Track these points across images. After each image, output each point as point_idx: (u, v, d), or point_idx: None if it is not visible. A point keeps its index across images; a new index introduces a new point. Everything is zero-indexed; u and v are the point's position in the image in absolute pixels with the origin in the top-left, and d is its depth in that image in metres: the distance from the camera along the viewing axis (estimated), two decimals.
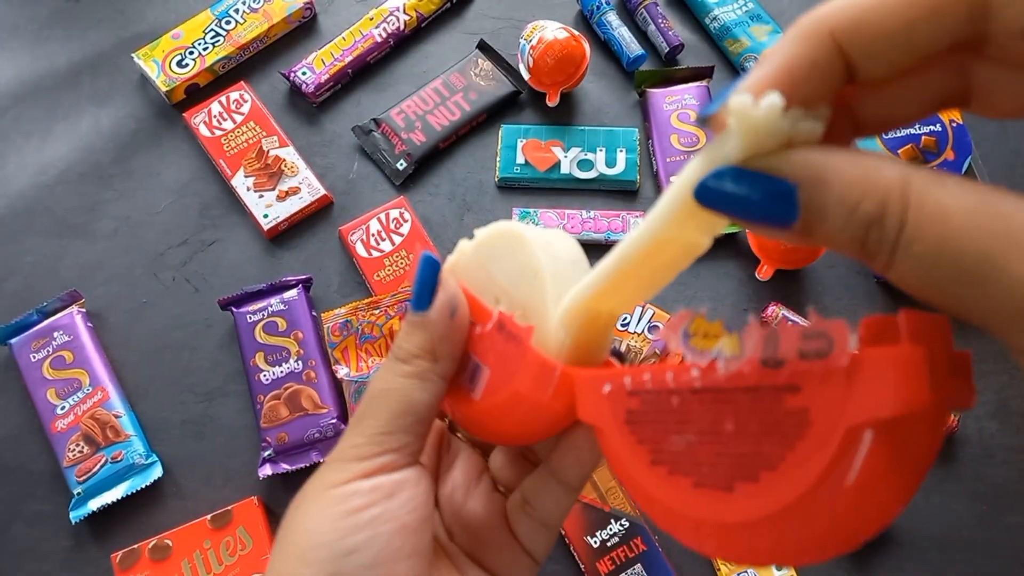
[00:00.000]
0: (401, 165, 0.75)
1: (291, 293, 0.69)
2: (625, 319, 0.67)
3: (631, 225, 0.72)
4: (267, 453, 0.64)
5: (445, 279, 0.28)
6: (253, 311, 0.68)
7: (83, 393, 0.66)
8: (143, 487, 0.63)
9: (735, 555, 0.22)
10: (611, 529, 0.61)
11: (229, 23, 0.81)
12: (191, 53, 0.79)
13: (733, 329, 0.21)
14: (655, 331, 0.66)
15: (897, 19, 0.19)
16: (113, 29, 0.84)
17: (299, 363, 0.66)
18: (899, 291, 0.42)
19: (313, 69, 0.78)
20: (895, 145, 0.69)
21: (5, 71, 0.82)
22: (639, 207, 0.74)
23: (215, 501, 0.64)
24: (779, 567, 0.60)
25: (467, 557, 0.31)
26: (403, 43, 0.82)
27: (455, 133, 0.77)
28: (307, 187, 0.74)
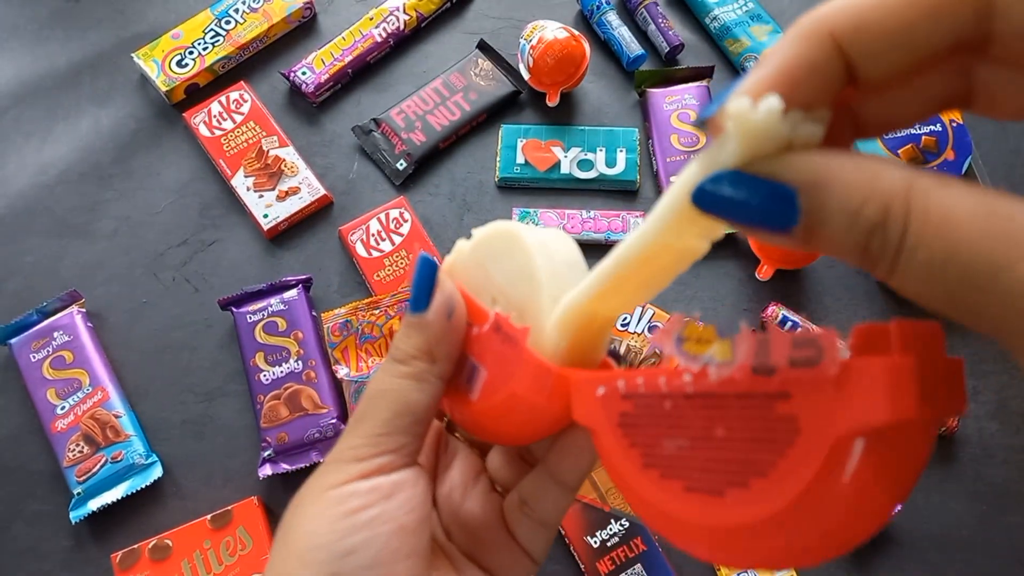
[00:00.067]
0: (401, 165, 0.75)
1: (291, 293, 0.69)
2: (625, 319, 0.67)
3: (631, 225, 0.72)
4: (267, 453, 0.64)
5: (442, 280, 0.28)
6: (253, 311, 0.68)
7: (83, 393, 0.66)
8: (143, 487, 0.63)
9: (725, 559, 0.22)
10: (611, 529, 0.61)
11: (229, 23, 0.81)
12: (191, 53, 0.79)
13: (726, 334, 0.21)
14: (655, 331, 0.66)
15: (899, 19, 0.18)
16: (113, 29, 0.84)
17: (299, 363, 0.66)
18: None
19: (313, 69, 0.78)
20: (895, 145, 0.69)
21: (5, 71, 0.82)
22: (639, 207, 0.74)
23: (215, 501, 0.64)
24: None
25: (465, 557, 0.31)
26: (403, 43, 0.82)
27: (455, 133, 0.77)
28: (307, 187, 0.74)
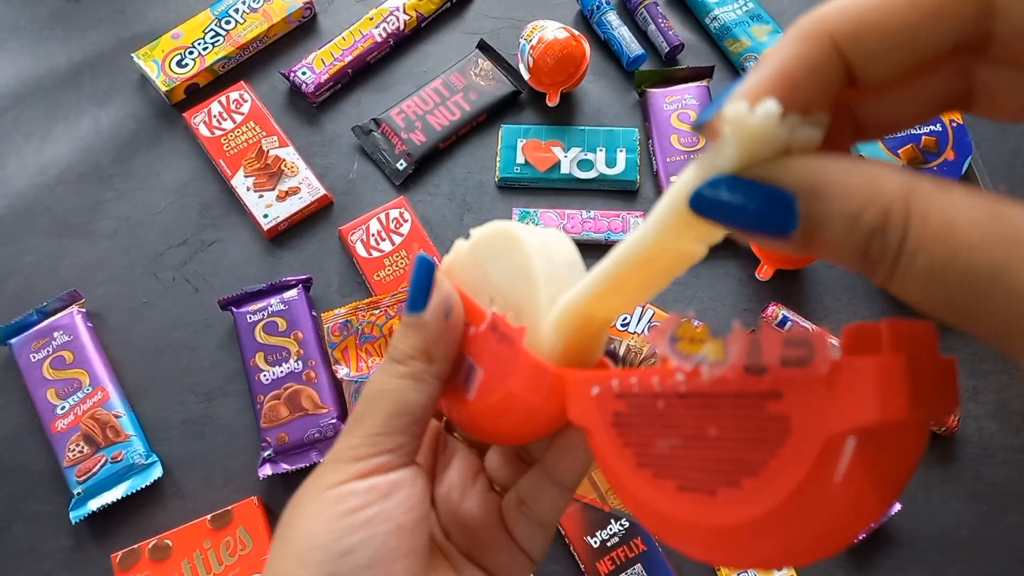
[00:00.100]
0: (401, 165, 0.75)
1: (291, 293, 0.69)
2: (625, 319, 0.67)
3: (631, 225, 0.72)
4: (267, 453, 0.64)
5: (440, 280, 0.28)
6: (253, 311, 0.68)
7: (83, 393, 0.66)
8: (143, 487, 0.63)
9: (719, 558, 0.22)
10: (611, 529, 0.61)
11: (229, 23, 0.81)
12: (191, 53, 0.79)
13: (720, 334, 0.21)
14: (651, 331, 0.66)
15: (900, 20, 0.18)
16: (113, 29, 0.84)
17: (299, 363, 0.66)
18: None
19: (313, 69, 0.78)
20: (895, 145, 0.69)
21: (5, 71, 0.82)
22: (639, 207, 0.74)
23: (215, 501, 0.64)
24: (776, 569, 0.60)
25: (464, 556, 0.31)
26: (403, 43, 0.82)
27: (455, 133, 0.77)
28: (307, 187, 0.74)
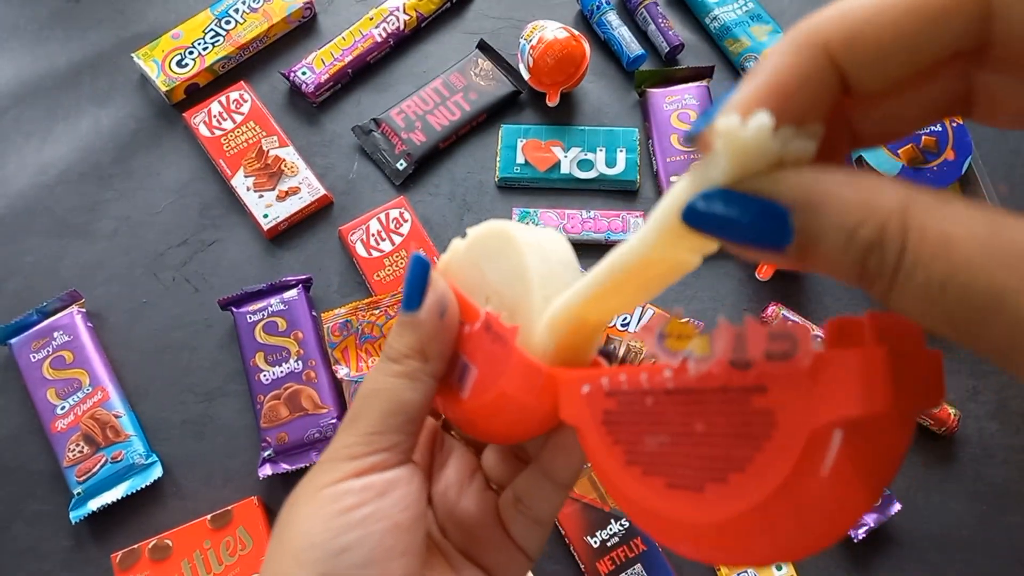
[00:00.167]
0: (401, 165, 0.75)
1: (291, 293, 0.69)
2: (625, 319, 0.67)
3: (631, 225, 0.71)
4: (267, 453, 0.64)
5: (435, 279, 0.28)
6: (253, 311, 0.68)
7: (83, 393, 0.66)
8: (143, 487, 0.64)
9: (708, 555, 0.22)
10: (611, 529, 0.61)
11: (229, 23, 0.81)
12: (191, 53, 0.79)
13: (708, 330, 0.21)
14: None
15: (895, 30, 0.18)
16: (113, 29, 0.84)
17: (299, 363, 0.66)
18: None
19: (313, 69, 0.78)
20: (895, 146, 0.69)
21: (5, 71, 0.82)
22: (639, 207, 0.74)
23: (215, 501, 0.64)
24: (778, 566, 0.60)
25: (461, 554, 0.31)
26: (403, 43, 0.82)
27: (455, 133, 0.77)
28: (307, 187, 0.74)
